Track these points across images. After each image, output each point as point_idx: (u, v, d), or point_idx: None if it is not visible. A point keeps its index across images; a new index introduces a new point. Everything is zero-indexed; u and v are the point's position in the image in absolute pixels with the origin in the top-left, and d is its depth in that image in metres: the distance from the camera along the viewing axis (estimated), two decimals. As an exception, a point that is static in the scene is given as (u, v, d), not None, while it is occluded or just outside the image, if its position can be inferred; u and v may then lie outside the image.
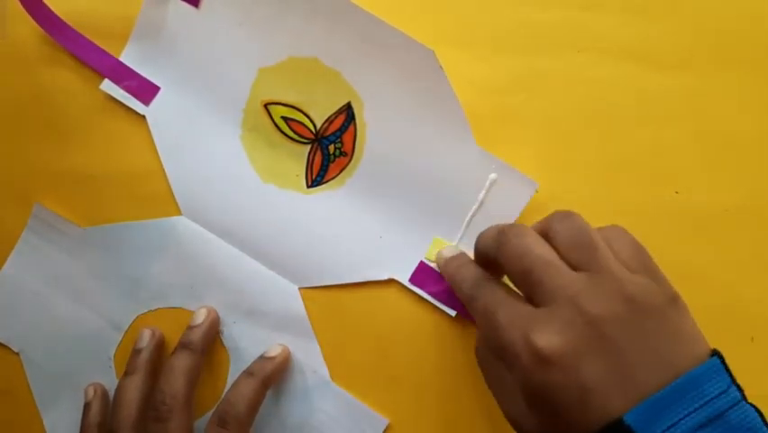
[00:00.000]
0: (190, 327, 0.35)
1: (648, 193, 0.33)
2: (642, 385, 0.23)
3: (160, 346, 0.36)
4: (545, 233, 0.27)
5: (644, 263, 0.26)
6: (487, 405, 0.34)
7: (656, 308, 0.24)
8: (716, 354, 0.24)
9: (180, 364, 0.33)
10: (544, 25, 0.34)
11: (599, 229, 0.27)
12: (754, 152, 0.33)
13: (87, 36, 0.38)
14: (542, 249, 0.26)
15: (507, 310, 0.26)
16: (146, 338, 0.36)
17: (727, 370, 0.24)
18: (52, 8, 0.38)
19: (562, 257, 0.26)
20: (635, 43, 0.34)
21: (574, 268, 0.25)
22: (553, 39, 0.34)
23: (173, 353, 0.34)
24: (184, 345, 0.34)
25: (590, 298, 0.24)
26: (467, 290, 0.29)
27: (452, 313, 0.34)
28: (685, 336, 0.24)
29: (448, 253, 0.33)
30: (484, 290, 0.28)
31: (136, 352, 0.35)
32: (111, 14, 0.38)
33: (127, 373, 0.35)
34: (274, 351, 0.35)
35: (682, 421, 0.22)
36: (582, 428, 0.23)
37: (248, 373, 0.34)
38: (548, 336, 0.24)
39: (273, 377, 0.34)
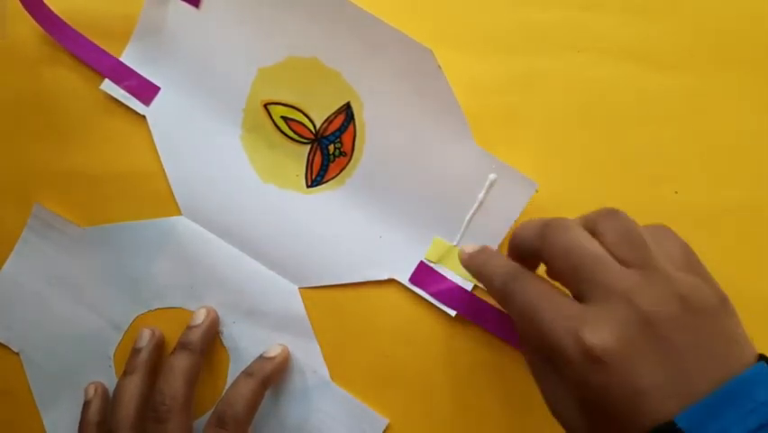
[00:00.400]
0: (190, 327, 0.35)
1: (648, 193, 0.33)
2: (694, 387, 0.22)
3: (159, 346, 0.36)
4: (591, 229, 0.26)
5: (691, 264, 0.25)
6: (486, 405, 0.34)
7: (708, 308, 0.24)
8: (763, 358, 0.23)
9: (180, 365, 0.33)
10: (544, 25, 0.34)
11: (645, 228, 0.26)
12: (754, 151, 0.33)
13: (88, 36, 0.38)
14: (591, 244, 0.25)
15: (552, 307, 0.25)
16: (146, 338, 0.36)
17: None
18: (53, 8, 0.38)
19: (612, 254, 0.25)
20: (635, 43, 0.34)
21: (624, 265, 0.24)
22: (553, 39, 0.34)
23: (172, 353, 0.34)
24: (183, 346, 0.34)
25: (645, 295, 0.23)
26: (500, 285, 0.28)
27: (452, 313, 0.34)
28: (734, 339, 0.24)
29: (470, 248, 0.31)
30: (521, 283, 0.26)
31: (135, 351, 0.35)
32: (112, 14, 0.38)
33: (126, 373, 0.35)
34: (273, 351, 0.35)
35: (733, 426, 0.22)
36: (633, 430, 0.23)
37: (247, 373, 0.34)
38: (600, 334, 0.23)
39: (272, 377, 0.34)
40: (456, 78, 0.33)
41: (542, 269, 0.27)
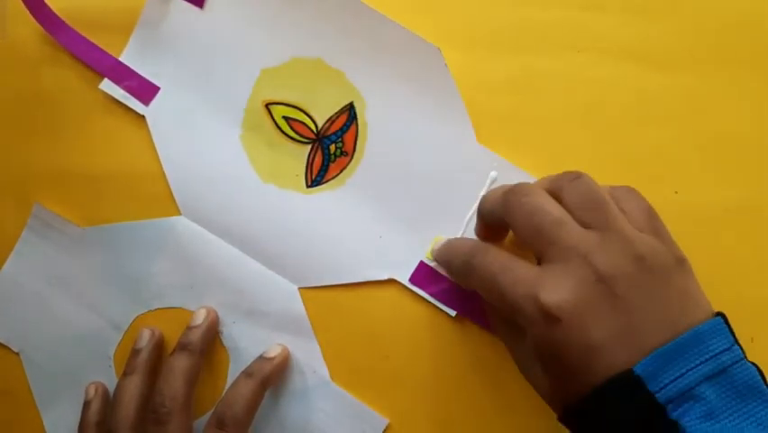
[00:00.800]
0: (189, 328, 0.35)
1: (648, 193, 0.32)
2: (647, 342, 0.24)
3: (159, 346, 0.36)
4: (555, 193, 0.27)
5: (653, 225, 0.26)
6: (486, 405, 0.34)
7: (665, 268, 0.25)
8: (719, 315, 0.25)
9: (179, 365, 0.33)
10: (543, 25, 0.34)
11: (611, 188, 0.28)
12: (754, 151, 0.33)
13: (88, 35, 0.38)
14: (552, 207, 0.26)
15: (509, 272, 0.26)
16: (145, 338, 0.36)
17: (731, 330, 0.25)
18: (53, 7, 0.38)
19: (573, 216, 0.26)
20: (635, 43, 0.34)
21: (585, 227, 0.25)
22: (553, 39, 0.34)
23: (172, 353, 0.34)
24: (183, 346, 0.34)
25: (601, 256, 0.24)
26: (461, 263, 0.29)
27: (452, 313, 0.34)
28: (691, 298, 0.25)
29: (438, 244, 0.33)
30: (480, 257, 0.28)
31: (135, 352, 0.35)
32: (112, 14, 0.38)
33: (126, 374, 0.35)
34: (273, 351, 0.35)
35: (689, 372, 0.23)
36: (590, 384, 0.24)
37: (246, 373, 0.34)
38: (557, 294, 0.24)
39: (272, 378, 0.34)
40: (457, 77, 0.33)
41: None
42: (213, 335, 0.36)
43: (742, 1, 0.33)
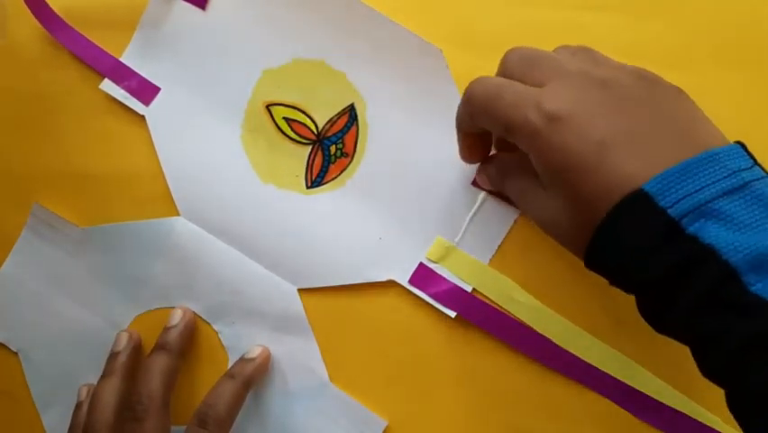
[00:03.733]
0: (166, 329, 0.35)
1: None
2: (660, 155, 0.22)
3: (137, 350, 0.36)
4: (500, 74, 0.27)
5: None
6: (486, 406, 0.34)
7: (667, 90, 0.24)
8: (738, 142, 0.24)
9: (157, 365, 0.33)
10: (544, 25, 0.34)
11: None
12: (754, 152, 0.33)
13: (89, 36, 0.38)
14: (498, 78, 0.26)
15: (510, 90, 0.25)
16: (123, 341, 0.36)
17: (751, 155, 0.23)
18: (54, 7, 0.38)
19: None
20: (635, 43, 0.33)
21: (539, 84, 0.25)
22: (553, 39, 0.34)
23: (150, 354, 0.34)
24: (160, 346, 0.34)
25: (600, 70, 0.25)
26: (462, 103, 0.28)
27: (452, 314, 0.34)
28: (702, 124, 0.24)
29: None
30: (476, 83, 0.27)
31: (113, 355, 0.35)
32: (113, 14, 0.38)
33: (104, 376, 0.35)
34: (254, 352, 0.35)
35: (705, 188, 0.21)
36: (601, 196, 0.23)
37: (228, 374, 0.34)
38: (559, 98, 0.24)
39: (254, 378, 0.34)
40: (457, 78, 0.33)
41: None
42: (190, 334, 0.36)
43: (742, 1, 0.33)
